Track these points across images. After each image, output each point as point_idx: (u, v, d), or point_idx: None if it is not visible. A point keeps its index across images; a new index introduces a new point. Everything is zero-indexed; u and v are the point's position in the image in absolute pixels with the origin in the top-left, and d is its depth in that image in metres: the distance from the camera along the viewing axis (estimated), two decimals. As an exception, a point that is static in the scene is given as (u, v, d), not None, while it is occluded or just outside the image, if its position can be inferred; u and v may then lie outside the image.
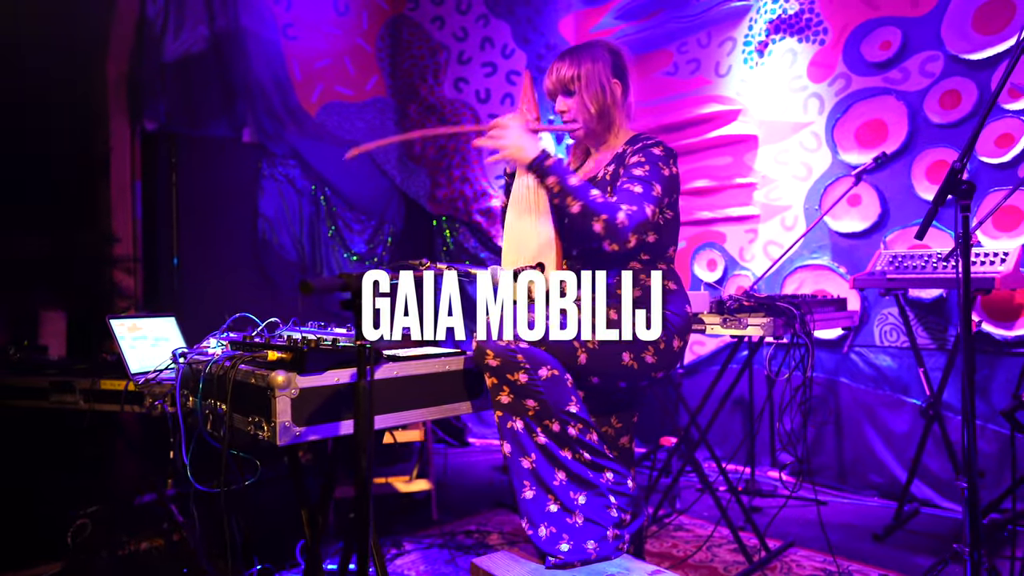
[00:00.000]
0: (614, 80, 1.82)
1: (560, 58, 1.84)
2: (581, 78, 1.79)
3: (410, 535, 2.71)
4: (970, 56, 2.78)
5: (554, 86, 1.84)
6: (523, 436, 1.58)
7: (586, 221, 1.64)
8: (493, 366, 1.56)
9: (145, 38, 3.42)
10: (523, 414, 1.57)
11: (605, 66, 1.81)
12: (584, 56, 1.80)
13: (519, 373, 1.55)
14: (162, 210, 3.50)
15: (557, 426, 1.58)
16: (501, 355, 1.56)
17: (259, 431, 1.39)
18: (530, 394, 1.56)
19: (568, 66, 1.80)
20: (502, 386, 1.57)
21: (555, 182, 1.67)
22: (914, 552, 2.47)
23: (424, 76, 4.38)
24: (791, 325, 2.12)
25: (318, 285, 1.02)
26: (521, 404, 1.57)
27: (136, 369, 2.02)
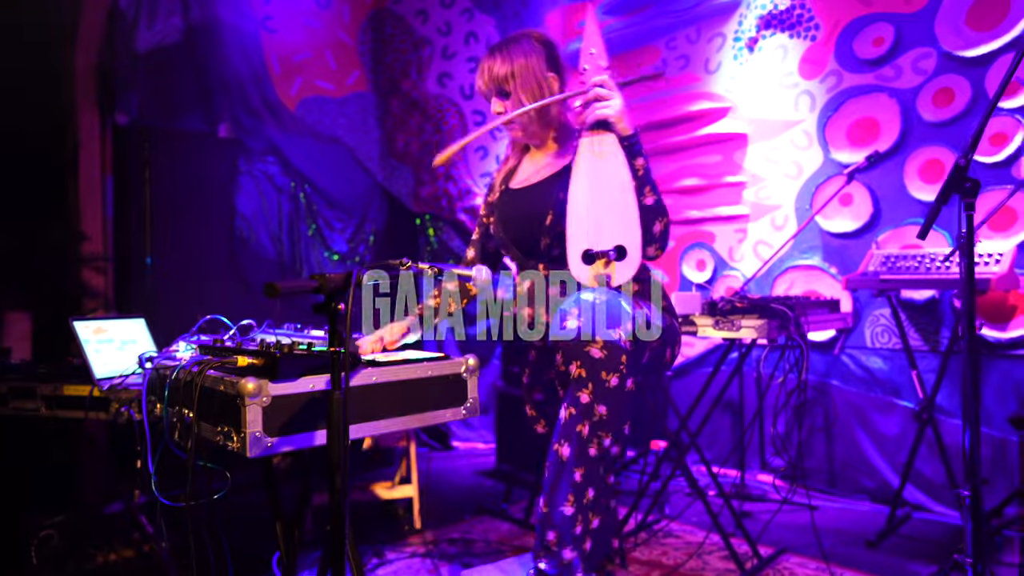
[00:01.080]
0: (550, 74, 1.71)
1: (490, 54, 1.71)
2: (515, 76, 1.66)
3: (391, 544, 2.62)
4: (964, 53, 2.74)
5: (487, 86, 1.71)
6: (582, 445, 1.42)
7: (652, 218, 1.57)
8: (595, 358, 1.40)
9: (116, 28, 3.30)
10: (591, 419, 1.42)
11: (539, 59, 1.69)
12: (516, 50, 1.68)
13: (613, 375, 1.40)
14: (135, 207, 3.37)
15: (608, 441, 1.43)
16: (611, 348, 1.40)
17: (228, 441, 1.30)
18: (607, 401, 1.41)
19: (500, 63, 1.68)
20: (587, 383, 1.41)
21: (643, 164, 1.58)
22: (908, 558, 2.42)
23: (407, 71, 4.29)
24: (785, 327, 2.06)
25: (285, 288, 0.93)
26: (593, 408, 1.41)
27: (101, 374, 1.91)
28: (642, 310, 1.55)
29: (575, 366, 1.41)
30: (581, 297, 1.46)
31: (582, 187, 1.60)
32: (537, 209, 1.69)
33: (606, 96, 1.57)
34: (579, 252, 1.55)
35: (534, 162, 1.82)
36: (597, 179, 1.58)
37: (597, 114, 1.58)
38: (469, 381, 1.55)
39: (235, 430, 1.27)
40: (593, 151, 1.60)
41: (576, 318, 1.42)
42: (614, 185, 1.56)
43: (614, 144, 1.58)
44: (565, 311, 1.45)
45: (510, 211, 1.78)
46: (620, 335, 1.41)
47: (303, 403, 1.30)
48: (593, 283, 1.55)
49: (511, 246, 1.77)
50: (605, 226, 1.55)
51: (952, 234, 2.79)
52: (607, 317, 1.42)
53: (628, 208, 1.55)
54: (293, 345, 1.38)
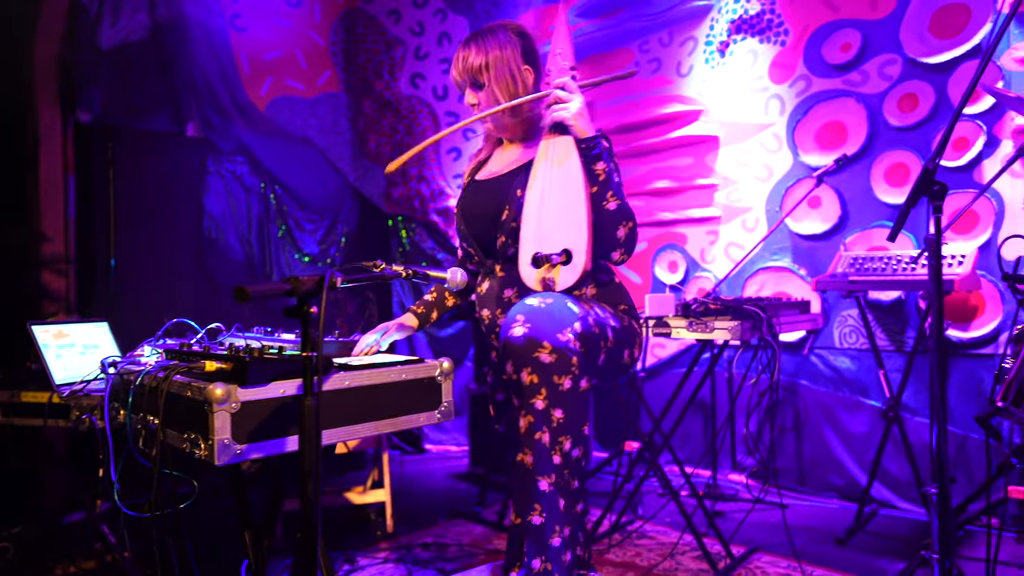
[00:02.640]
0: (525, 67, 1.68)
1: (465, 44, 1.68)
2: (490, 67, 1.64)
3: (364, 549, 2.58)
4: (928, 60, 2.80)
5: (461, 77, 1.69)
6: (546, 452, 1.38)
7: (615, 223, 1.53)
8: (545, 363, 1.37)
9: (79, 24, 3.21)
10: (549, 424, 1.38)
11: (515, 52, 1.66)
12: (491, 41, 1.65)
13: (566, 378, 1.38)
14: (98, 207, 3.28)
15: (568, 444, 1.40)
16: (559, 352, 1.37)
17: (195, 449, 1.26)
18: (563, 404, 1.38)
19: (475, 53, 1.65)
20: (541, 388, 1.38)
21: (604, 168, 1.54)
22: (876, 555, 2.46)
23: (379, 71, 4.25)
24: (757, 328, 2.07)
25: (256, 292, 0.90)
26: (550, 413, 1.38)
27: (62, 380, 1.85)
28: (592, 311, 1.53)
29: (526, 373, 1.38)
30: (526, 302, 1.43)
31: (535, 189, 1.58)
32: (494, 204, 1.66)
33: (564, 99, 1.54)
34: (529, 255, 1.54)
35: (504, 155, 1.80)
36: (550, 182, 1.56)
37: (553, 116, 1.55)
38: (444, 384, 1.54)
39: (202, 437, 1.23)
40: (548, 153, 1.59)
41: (522, 324, 1.39)
42: (565, 188, 1.54)
43: (570, 147, 1.56)
44: (511, 318, 1.42)
45: (470, 204, 1.75)
46: (568, 337, 1.39)
47: (274, 408, 1.27)
48: (539, 287, 1.53)
49: (472, 242, 1.74)
50: (554, 229, 1.53)
51: (917, 236, 2.85)
52: (553, 320, 1.39)
53: (577, 212, 1.52)
54: (263, 349, 1.35)
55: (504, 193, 1.66)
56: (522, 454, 1.42)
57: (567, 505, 1.41)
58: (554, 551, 1.38)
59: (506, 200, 1.64)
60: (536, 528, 1.38)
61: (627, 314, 1.67)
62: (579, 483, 1.43)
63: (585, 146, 1.54)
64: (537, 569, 1.37)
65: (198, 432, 1.25)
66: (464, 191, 1.81)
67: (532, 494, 1.39)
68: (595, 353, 1.50)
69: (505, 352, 1.42)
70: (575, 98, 1.54)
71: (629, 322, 1.65)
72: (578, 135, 1.55)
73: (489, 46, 1.65)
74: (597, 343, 1.50)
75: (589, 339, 1.46)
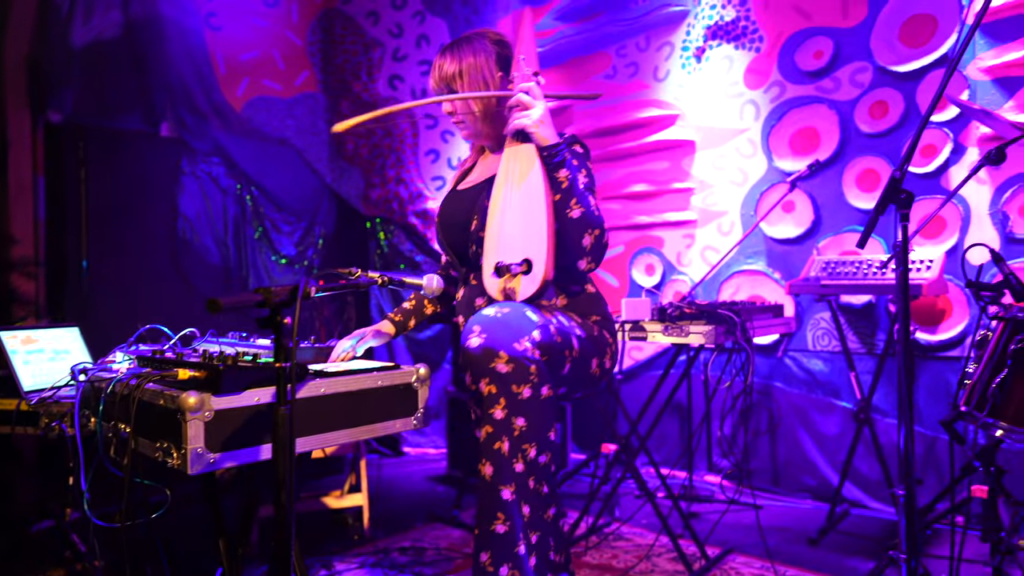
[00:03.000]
0: (499, 73, 1.68)
1: (441, 53, 1.68)
2: (463, 75, 1.63)
3: (341, 554, 2.57)
4: (897, 68, 2.86)
5: (437, 85, 1.68)
6: (507, 460, 1.38)
7: (580, 231, 1.52)
8: (501, 373, 1.37)
9: (49, 22, 3.16)
10: (510, 434, 1.38)
11: (489, 59, 1.66)
12: (466, 50, 1.65)
13: (525, 387, 1.38)
14: (70, 209, 3.23)
15: (534, 452, 1.40)
16: (516, 362, 1.37)
17: (168, 458, 1.25)
18: (524, 412, 1.38)
19: (450, 61, 1.65)
20: (499, 398, 1.38)
21: (567, 176, 1.52)
22: (847, 554, 2.50)
23: (357, 72, 4.23)
24: (732, 332, 2.10)
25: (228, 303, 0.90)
26: (511, 422, 1.38)
27: (31, 386, 1.82)
28: (554, 320, 1.52)
29: (484, 383, 1.39)
30: (483, 313, 1.44)
31: (498, 198, 1.57)
32: (465, 214, 1.67)
33: (527, 104, 1.53)
34: (492, 264, 1.55)
35: (484, 164, 1.80)
36: (511, 190, 1.55)
37: (514, 123, 1.54)
38: (420, 390, 1.53)
39: (175, 446, 1.22)
40: (512, 162, 1.58)
41: (478, 335, 1.39)
42: (526, 197, 1.53)
43: (532, 154, 1.55)
44: (468, 329, 1.42)
45: (448, 213, 1.75)
46: (526, 346, 1.39)
47: (248, 417, 1.26)
48: (500, 297, 1.53)
49: (449, 250, 1.75)
50: (516, 239, 1.52)
51: (888, 241, 2.91)
52: (509, 330, 1.39)
53: (538, 221, 1.51)
54: (238, 356, 1.33)
55: (474, 203, 1.66)
56: (481, 464, 1.42)
57: (533, 511, 1.41)
58: (521, 558, 1.38)
59: (475, 210, 1.65)
60: (500, 537, 1.38)
61: (599, 324, 1.67)
62: (549, 488, 1.43)
63: (547, 154, 1.53)
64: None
65: (171, 441, 1.23)
66: (444, 200, 1.81)
67: (494, 504, 1.39)
68: (559, 362, 1.50)
69: (465, 362, 1.42)
70: (537, 104, 1.52)
71: (600, 332, 1.65)
72: (539, 143, 1.53)
73: (463, 54, 1.65)
74: (561, 352, 1.50)
75: (551, 348, 1.46)
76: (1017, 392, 1.25)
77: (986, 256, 1.58)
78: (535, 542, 1.41)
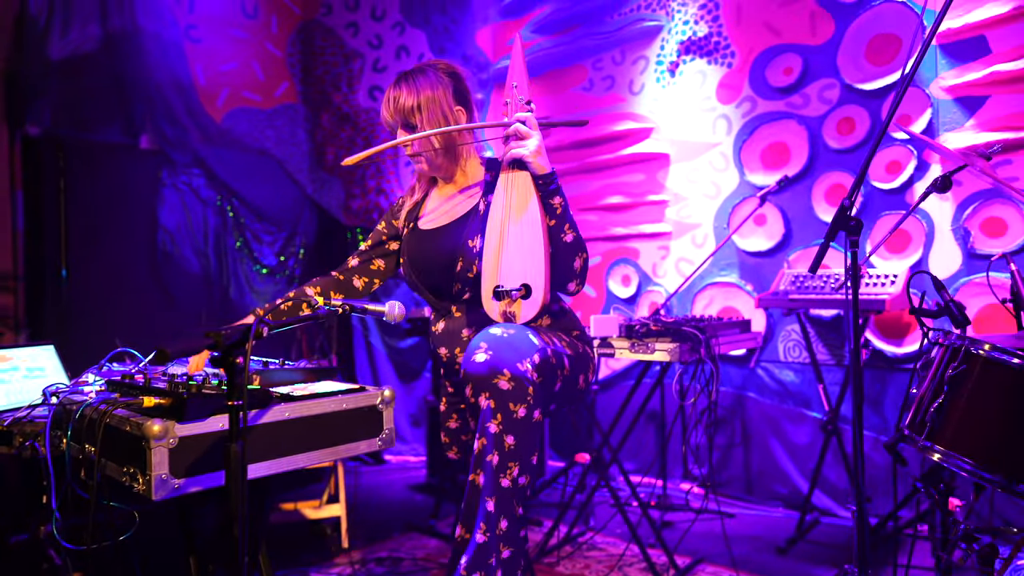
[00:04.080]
0: (457, 108, 1.70)
1: (396, 84, 1.68)
2: (421, 109, 1.64)
3: (318, 565, 2.60)
4: (863, 86, 2.92)
5: (393, 118, 1.69)
6: (493, 474, 1.44)
7: (571, 255, 1.59)
8: (503, 390, 1.42)
9: (26, 35, 3.17)
10: (501, 449, 1.43)
11: (446, 92, 1.67)
12: (422, 82, 1.66)
13: (521, 406, 1.42)
14: (48, 222, 3.24)
15: (517, 471, 1.44)
16: (517, 381, 1.42)
17: (134, 483, 1.28)
18: (515, 431, 1.43)
19: (407, 94, 1.65)
20: (497, 413, 1.42)
21: (560, 203, 1.58)
22: (814, 564, 2.56)
23: (338, 84, 4.26)
24: (696, 350, 2.15)
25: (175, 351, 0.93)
26: (502, 438, 1.43)
27: (4, 406, 1.84)
28: (551, 343, 1.59)
29: (484, 398, 1.43)
30: (489, 331, 1.49)
31: (495, 224, 1.62)
32: (447, 256, 1.69)
33: (524, 135, 1.58)
34: (491, 288, 1.59)
35: (443, 197, 1.81)
36: (509, 217, 1.60)
37: (512, 153, 1.59)
38: (384, 412, 1.57)
39: (141, 472, 1.25)
40: (509, 189, 1.62)
41: (484, 352, 1.44)
42: (524, 224, 1.58)
43: (528, 183, 1.60)
44: (474, 346, 1.47)
45: (419, 255, 1.76)
46: (527, 367, 1.44)
47: (212, 442, 1.29)
48: (500, 319, 1.59)
49: (423, 289, 1.77)
50: (514, 264, 1.58)
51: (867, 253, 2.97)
52: (514, 350, 1.44)
53: (536, 247, 1.57)
54: (204, 382, 1.37)
55: (455, 244, 1.68)
56: (474, 474, 1.47)
57: (509, 528, 1.46)
58: (492, 569, 1.44)
59: (459, 252, 1.67)
60: (479, 545, 1.44)
61: (580, 340, 1.73)
62: (523, 511, 1.48)
63: (543, 182, 1.58)
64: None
65: (136, 467, 1.27)
66: (408, 239, 1.80)
67: (479, 513, 1.45)
68: (552, 381, 1.56)
69: (467, 377, 1.47)
70: (534, 135, 1.58)
71: (583, 349, 1.71)
72: (536, 171, 1.58)
73: (420, 87, 1.65)
74: (554, 372, 1.56)
75: (546, 369, 1.51)
76: (953, 417, 1.31)
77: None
78: (506, 557, 1.46)
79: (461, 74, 1.74)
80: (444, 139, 1.69)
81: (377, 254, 1.86)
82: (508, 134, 1.62)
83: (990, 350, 1.29)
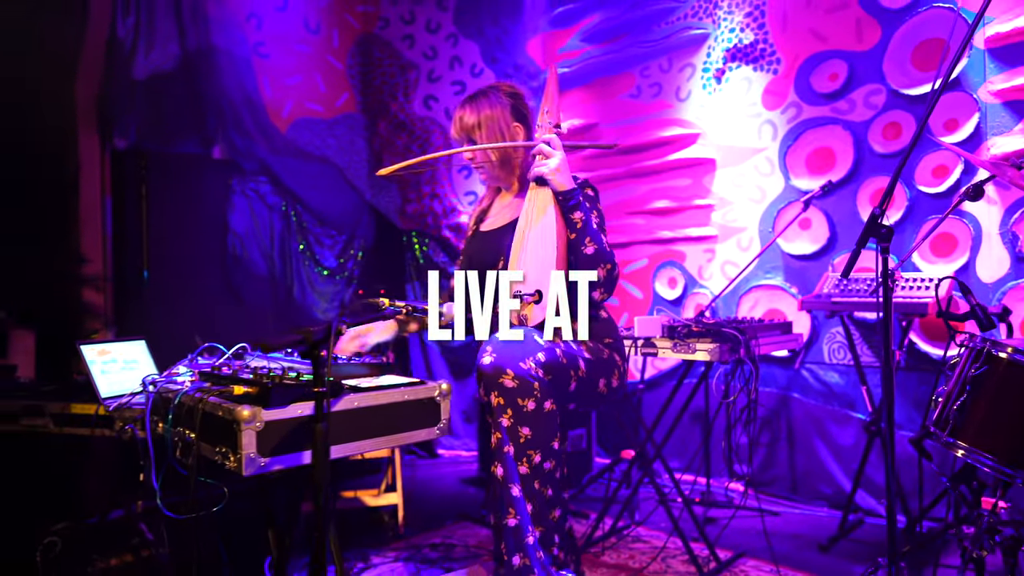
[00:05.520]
0: (515, 124, 1.87)
1: (462, 105, 1.88)
2: (481, 126, 1.83)
3: (377, 549, 2.78)
4: (909, 91, 2.95)
5: (458, 135, 1.89)
6: (512, 463, 1.59)
7: (593, 265, 1.73)
8: (508, 387, 1.58)
9: (115, 57, 3.46)
10: (516, 440, 1.59)
11: (504, 111, 1.85)
12: (483, 103, 1.85)
13: (529, 400, 1.58)
14: (132, 227, 3.54)
15: (538, 458, 1.60)
16: (521, 379, 1.57)
17: (226, 461, 1.47)
18: (529, 423, 1.58)
19: (469, 114, 1.84)
20: (507, 408, 1.58)
21: (581, 218, 1.73)
22: (854, 561, 2.61)
23: (394, 93, 4.46)
24: (736, 350, 2.24)
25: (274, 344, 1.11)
26: (517, 430, 1.59)
27: (106, 393, 2.07)
28: (560, 344, 1.71)
29: (494, 396, 1.59)
30: (496, 336, 1.65)
31: (519, 233, 1.79)
32: (493, 255, 1.87)
33: (547, 154, 1.74)
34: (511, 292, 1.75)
35: (502, 203, 2.00)
36: (531, 228, 1.77)
37: (535, 171, 1.75)
38: (442, 404, 1.73)
39: (232, 451, 1.44)
40: (534, 202, 1.79)
41: (490, 354, 1.60)
42: (542, 235, 1.74)
43: (547, 197, 1.76)
44: (483, 349, 1.63)
45: (473, 255, 1.96)
46: (530, 366, 1.59)
47: (292, 427, 1.47)
48: (515, 320, 1.74)
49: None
50: (531, 271, 1.73)
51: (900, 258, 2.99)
52: (517, 351, 1.60)
53: (550, 256, 1.72)
54: (284, 374, 1.55)
55: (500, 245, 1.87)
56: (494, 466, 1.63)
57: (537, 509, 1.61)
58: (530, 548, 1.58)
59: (502, 252, 1.85)
60: (512, 529, 1.58)
61: (609, 347, 1.85)
62: (554, 492, 1.62)
63: (563, 198, 1.73)
64: (516, 565, 1.57)
65: (228, 447, 1.45)
66: (469, 240, 2.02)
67: (506, 499, 1.60)
68: (564, 381, 1.70)
69: (478, 378, 1.64)
70: (556, 154, 1.73)
71: (610, 355, 1.83)
72: (556, 188, 1.74)
73: (481, 107, 1.85)
74: (566, 372, 1.69)
75: (555, 368, 1.66)
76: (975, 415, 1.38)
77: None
78: (539, 536, 1.60)
79: (521, 94, 1.92)
80: (500, 153, 1.87)
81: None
82: (534, 153, 1.79)
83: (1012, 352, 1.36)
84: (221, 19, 3.87)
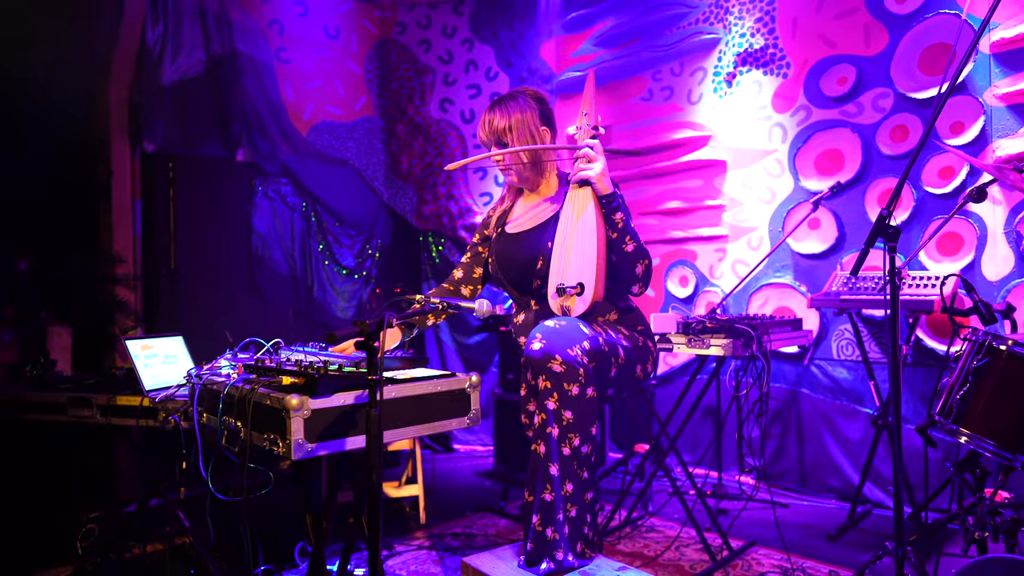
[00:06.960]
0: (543, 128, 1.96)
1: (491, 109, 1.97)
2: (512, 129, 1.92)
3: (400, 538, 2.89)
4: (916, 95, 3.03)
5: (488, 137, 1.97)
6: (555, 444, 1.69)
7: (633, 262, 1.83)
8: (556, 372, 1.67)
9: (144, 63, 3.58)
10: (560, 423, 1.69)
11: (533, 115, 1.94)
12: (513, 107, 1.94)
13: (574, 385, 1.68)
14: (160, 228, 3.66)
15: (577, 441, 1.70)
16: (568, 364, 1.67)
17: (274, 447, 1.57)
18: (572, 407, 1.68)
19: (499, 117, 1.93)
20: (553, 392, 1.68)
21: (621, 218, 1.84)
22: (861, 550, 2.70)
23: (411, 97, 4.57)
24: (749, 346, 2.34)
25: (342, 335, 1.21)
26: (561, 413, 1.69)
27: (149, 385, 2.19)
28: (604, 333, 1.82)
29: (541, 380, 1.69)
30: (545, 323, 1.75)
31: (562, 231, 1.89)
32: (530, 255, 1.96)
33: (591, 158, 1.84)
34: (555, 286, 1.85)
35: (528, 205, 2.08)
36: (573, 227, 1.87)
37: (580, 175, 1.85)
38: (472, 395, 1.83)
39: (281, 437, 1.54)
40: (574, 202, 1.89)
41: (539, 341, 1.70)
42: (583, 233, 1.84)
43: (589, 198, 1.86)
44: (532, 335, 1.73)
45: (507, 255, 2.04)
46: (576, 352, 1.69)
47: (336, 415, 1.57)
48: (559, 312, 1.84)
49: (507, 285, 2.04)
50: (573, 266, 1.84)
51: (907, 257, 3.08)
52: (565, 339, 1.70)
53: (591, 253, 1.82)
54: (326, 366, 1.66)
55: (537, 246, 1.96)
56: (536, 444, 1.74)
57: (575, 489, 1.71)
58: (560, 524, 1.69)
59: (540, 252, 1.95)
60: (547, 504, 1.69)
61: (642, 334, 1.96)
62: (589, 475, 1.72)
63: (606, 201, 1.84)
64: (549, 537, 1.68)
65: (277, 433, 1.56)
66: (497, 240, 2.10)
67: (544, 476, 1.70)
68: (606, 368, 1.80)
69: (527, 363, 1.74)
70: (600, 159, 1.84)
71: (644, 342, 1.94)
72: (600, 191, 1.84)
73: (511, 110, 1.94)
74: (608, 359, 1.79)
75: (598, 355, 1.76)
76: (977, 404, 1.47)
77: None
78: (573, 515, 1.71)
79: (545, 99, 2.02)
80: (531, 155, 1.96)
81: (477, 263, 2.17)
82: (577, 156, 1.88)
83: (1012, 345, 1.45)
84: (244, 26, 3.99)
